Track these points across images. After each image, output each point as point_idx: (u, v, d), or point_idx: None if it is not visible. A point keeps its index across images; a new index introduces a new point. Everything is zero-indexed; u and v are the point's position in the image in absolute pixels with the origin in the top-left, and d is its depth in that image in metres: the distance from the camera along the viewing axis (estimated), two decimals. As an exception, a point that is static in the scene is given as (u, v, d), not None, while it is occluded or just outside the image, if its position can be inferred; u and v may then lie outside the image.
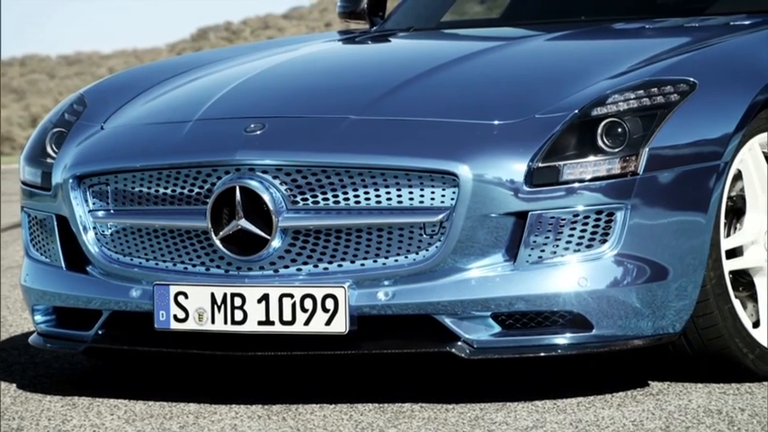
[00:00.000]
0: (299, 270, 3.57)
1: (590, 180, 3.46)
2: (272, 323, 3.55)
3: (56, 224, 3.86)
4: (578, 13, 4.56)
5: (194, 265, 3.65)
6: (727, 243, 3.64)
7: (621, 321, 3.47)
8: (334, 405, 3.59)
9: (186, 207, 3.67)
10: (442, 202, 3.49)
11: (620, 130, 3.50)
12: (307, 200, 3.57)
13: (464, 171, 3.47)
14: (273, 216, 3.56)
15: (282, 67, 4.11)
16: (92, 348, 3.80)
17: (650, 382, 3.68)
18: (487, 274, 3.47)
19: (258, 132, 3.65)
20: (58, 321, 3.88)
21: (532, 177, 3.47)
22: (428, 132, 3.56)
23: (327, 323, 3.51)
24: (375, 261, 3.53)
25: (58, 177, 3.86)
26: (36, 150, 3.99)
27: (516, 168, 3.47)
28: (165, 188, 3.69)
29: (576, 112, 3.53)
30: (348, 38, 4.60)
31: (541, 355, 3.47)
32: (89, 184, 3.81)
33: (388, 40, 4.54)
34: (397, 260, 3.51)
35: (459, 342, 3.48)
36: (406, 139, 3.55)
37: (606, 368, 3.88)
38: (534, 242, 3.46)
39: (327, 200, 3.56)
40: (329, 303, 3.51)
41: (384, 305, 3.51)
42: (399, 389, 3.74)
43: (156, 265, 3.70)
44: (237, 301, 3.57)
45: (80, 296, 3.78)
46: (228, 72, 4.12)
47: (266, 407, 3.61)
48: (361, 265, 3.54)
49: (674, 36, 4.06)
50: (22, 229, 3.99)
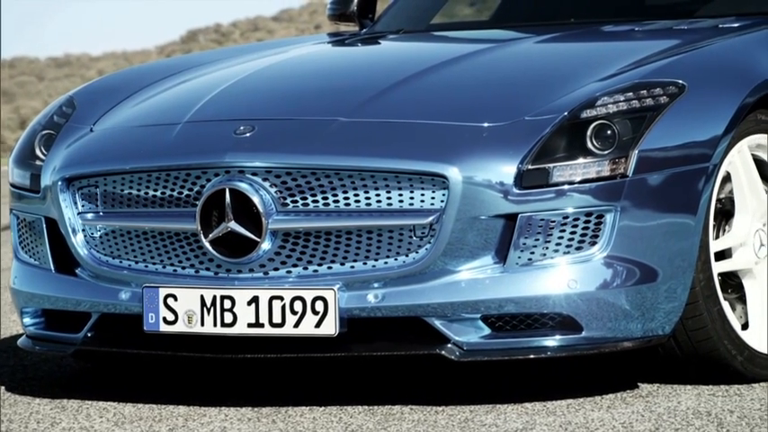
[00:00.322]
0: (288, 272, 3.57)
1: (579, 182, 3.47)
2: (261, 325, 3.54)
3: (45, 226, 3.85)
4: (568, 16, 4.57)
5: (184, 268, 3.65)
6: (716, 245, 3.64)
7: (611, 323, 3.47)
8: (323, 407, 3.59)
9: (176, 209, 3.66)
10: (432, 204, 3.49)
11: (609, 132, 3.51)
12: (296, 202, 3.57)
13: (454, 173, 3.48)
14: (263, 218, 3.55)
15: (272, 69, 4.10)
16: (81, 351, 3.79)
17: (640, 383, 3.68)
18: (477, 277, 3.47)
19: (248, 134, 3.64)
20: (46, 324, 3.87)
21: (522, 179, 3.47)
22: (418, 134, 3.56)
23: (317, 325, 3.51)
24: (365, 263, 3.53)
25: (47, 179, 3.85)
26: (25, 152, 3.99)
27: (506, 170, 3.48)
28: (155, 190, 3.69)
29: (566, 114, 3.54)
30: (338, 40, 4.60)
31: (531, 357, 3.47)
32: (78, 186, 3.80)
33: (378, 43, 4.54)
34: (386, 262, 3.51)
35: (449, 344, 3.48)
36: (396, 141, 3.55)
37: (596, 370, 3.89)
38: (524, 244, 3.46)
39: (317, 202, 3.56)
40: (319, 306, 3.51)
41: (374, 307, 3.51)
42: (389, 391, 3.74)
43: (146, 267, 3.69)
44: (227, 304, 3.56)
45: (69, 298, 3.78)
46: (218, 74, 4.12)
47: (256, 409, 3.61)
48: (351, 267, 3.54)
49: (663, 38, 4.07)
50: (11, 232, 3.98)
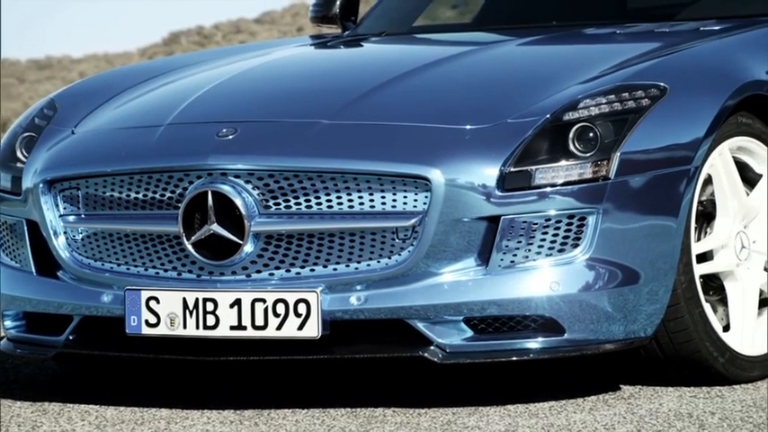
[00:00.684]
0: (271, 275, 3.57)
1: (562, 184, 3.48)
2: (244, 328, 3.54)
3: (26, 229, 3.84)
4: (550, 19, 4.58)
5: (166, 270, 3.64)
6: (697, 247, 3.65)
7: (593, 325, 3.48)
8: (306, 410, 3.59)
9: (158, 212, 3.65)
10: (415, 206, 3.49)
11: (591, 134, 3.51)
12: (279, 204, 3.57)
13: (436, 175, 3.48)
14: (246, 221, 3.55)
15: (255, 71, 4.10)
16: (62, 354, 3.78)
17: (622, 385, 3.69)
18: (460, 279, 3.47)
19: (230, 137, 3.64)
20: (28, 327, 3.86)
21: (504, 182, 3.48)
22: (400, 137, 3.56)
23: (300, 328, 3.51)
24: (347, 265, 3.52)
25: (28, 182, 3.84)
26: (6, 155, 3.97)
27: (488, 173, 3.48)
28: (137, 193, 3.68)
29: (548, 116, 3.54)
30: (320, 42, 4.60)
31: (513, 359, 3.48)
32: (60, 188, 3.79)
33: (361, 45, 4.54)
34: (369, 264, 3.51)
35: (432, 346, 3.48)
36: (379, 143, 3.55)
37: (578, 372, 3.90)
38: (506, 246, 3.47)
39: (300, 204, 3.56)
40: (301, 308, 3.51)
41: (356, 309, 3.50)
42: (372, 393, 3.74)
43: (128, 269, 3.69)
44: (209, 306, 3.56)
45: (51, 301, 3.76)
46: (200, 76, 4.11)
47: (238, 412, 3.60)
48: (334, 269, 3.53)
49: (644, 41, 4.09)
50: (-7, 234, 3.96)
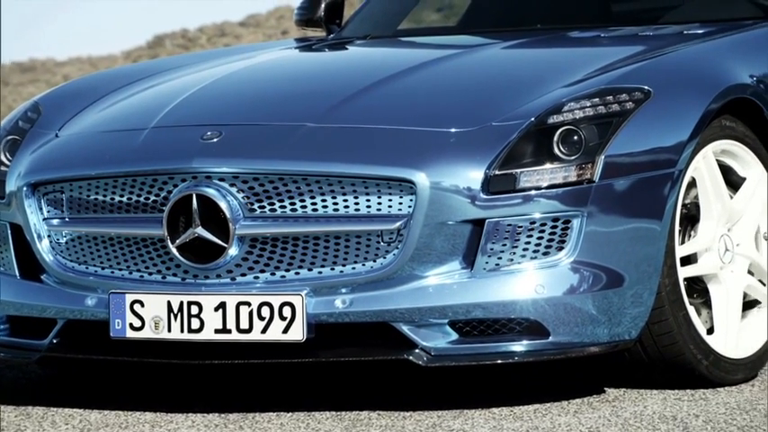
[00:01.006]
0: (256, 278, 3.56)
1: (546, 187, 3.48)
2: (228, 331, 3.53)
3: (10, 232, 3.83)
4: (534, 22, 4.59)
5: (150, 274, 3.64)
6: (681, 250, 3.66)
7: (578, 328, 3.49)
8: (291, 413, 3.58)
9: (142, 215, 3.65)
10: (400, 209, 3.50)
11: (575, 137, 3.52)
12: (264, 207, 3.57)
13: (421, 179, 3.48)
14: (230, 224, 3.55)
15: (239, 74, 4.10)
16: (46, 357, 3.77)
17: (606, 388, 3.70)
18: (445, 282, 3.47)
19: (215, 140, 3.64)
20: (11, 330, 3.85)
21: (489, 185, 3.48)
22: (385, 140, 3.56)
23: (285, 331, 3.51)
24: (332, 269, 3.52)
25: (11, 185, 3.83)
26: (-10, 158, 3.96)
27: (473, 176, 3.49)
28: (121, 196, 3.68)
29: (533, 119, 3.55)
30: (305, 45, 4.60)
31: (498, 362, 3.48)
32: (44, 191, 3.78)
33: (345, 48, 4.54)
34: (354, 268, 3.51)
35: (417, 349, 3.48)
36: (364, 146, 3.56)
37: (563, 375, 3.90)
38: (491, 249, 3.47)
39: (285, 207, 3.56)
40: (286, 311, 3.51)
41: (341, 313, 3.50)
42: (357, 396, 3.74)
43: (112, 273, 3.68)
44: (194, 310, 3.55)
45: (34, 305, 3.75)
46: (185, 79, 4.11)
47: (223, 415, 3.60)
48: (319, 272, 3.53)
49: (628, 45, 4.10)
50: (-24, 238, 3.95)
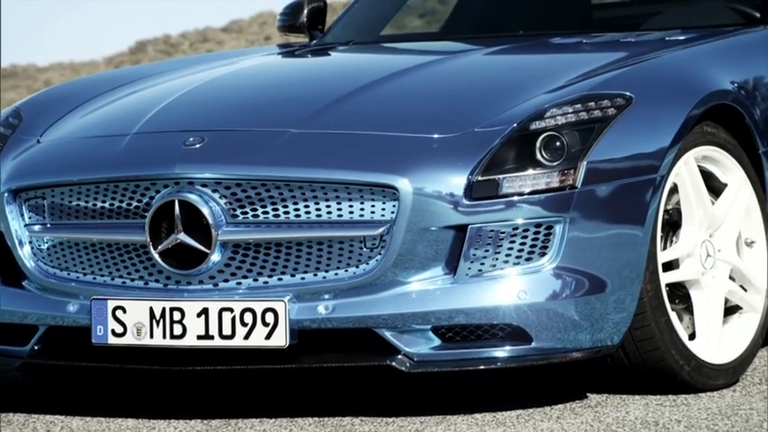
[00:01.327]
0: (238, 284, 3.56)
1: (529, 193, 3.49)
2: (211, 337, 3.53)
3: (-9, 238, 3.82)
4: (517, 28, 4.60)
5: (132, 280, 3.63)
6: (663, 256, 3.67)
7: (560, 334, 3.49)
8: (273, 419, 3.58)
9: (124, 221, 3.64)
10: (383, 215, 3.50)
11: (558, 143, 3.53)
12: (246, 213, 3.56)
13: (404, 185, 3.48)
14: (213, 230, 3.54)
15: (222, 80, 4.09)
16: (28, 364, 3.76)
17: (589, 394, 3.70)
18: (427, 288, 3.48)
19: (197, 146, 3.63)
20: (-7, 337, 3.83)
21: (472, 191, 3.49)
22: (368, 146, 3.56)
23: (267, 337, 3.50)
24: (315, 275, 3.52)
25: (-7, 191, 3.81)
26: (-29, 164, 3.94)
27: (456, 182, 3.49)
28: (103, 202, 3.67)
29: (515, 125, 3.55)
30: (288, 51, 4.60)
31: (481, 367, 3.48)
32: (25, 198, 3.77)
33: (328, 54, 4.54)
34: (337, 274, 3.51)
35: (400, 355, 3.48)
36: (347, 152, 3.56)
37: (545, 381, 3.91)
38: (474, 255, 3.47)
39: (267, 213, 3.55)
40: (269, 317, 3.50)
41: (324, 319, 3.50)
42: (340, 403, 3.74)
43: (94, 279, 3.67)
44: (177, 316, 3.54)
45: (16, 311, 3.74)
46: (167, 85, 4.10)
47: (205, 422, 3.59)
48: (302, 278, 3.53)
49: (610, 51, 4.11)
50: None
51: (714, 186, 3.81)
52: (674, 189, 3.71)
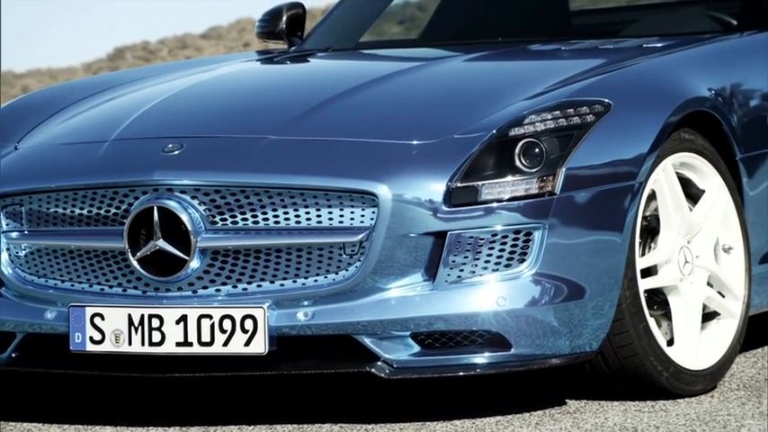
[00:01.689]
0: (217, 291, 3.55)
1: (508, 200, 3.49)
2: (190, 344, 3.52)
3: (-31, 245, 3.80)
4: (496, 35, 4.61)
5: (111, 287, 3.62)
6: (642, 262, 3.68)
7: (539, 340, 3.50)
8: (252, 426, 3.57)
9: (103, 228, 3.63)
10: (362, 222, 3.50)
11: (537, 150, 3.54)
12: (226, 220, 3.56)
13: (383, 191, 3.48)
14: (192, 236, 3.54)
15: (201, 86, 4.09)
16: (5, 371, 3.74)
17: (567, 400, 3.71)
18: (407, 294, 3.48)
19: (176, 152, 3.63)
20: (-30, 344, 3.81)
21: (451, 197, 3.49)
22: (347, 152, 3.56)
23: (246, 344, 3.49)
24: (294, 281, 3.52)
25: (-29, 198, 3.80)
26: (-52, 170, 3.93)
27: (435, 188, 3.49)
28: (81, 209, 3.66)
29: (494, 132, 3.56)
30: (267, 58, 4.60)
31: (460, 374, 3.48)
32: (2, 204, 3.75)
33: (307, 61, 4.54)
34: (316, 280, 3.51)
35: (379, 362, 3.48)
36: (326, 159, 3.56)
37: (524, 387, 3.91)
38: (453, 262, 3.48)
39: (246, 220, 3.55)
40: (248, 324, 3.50)
41: (304, 325, 3.50)
42: (319, 409, 3.73)
43: (72, 286, 3.66)
44: (155, 323, 3.54)
45: (-6, 318, 3.72)
46: (146, 92, 4.09)
47: (184, 429, 3.58)
48: (281, 285, 3.53)
49: (589, 58, 4.12)
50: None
51: (692, 193, 3.83)
52: (652, 196, 3.73)
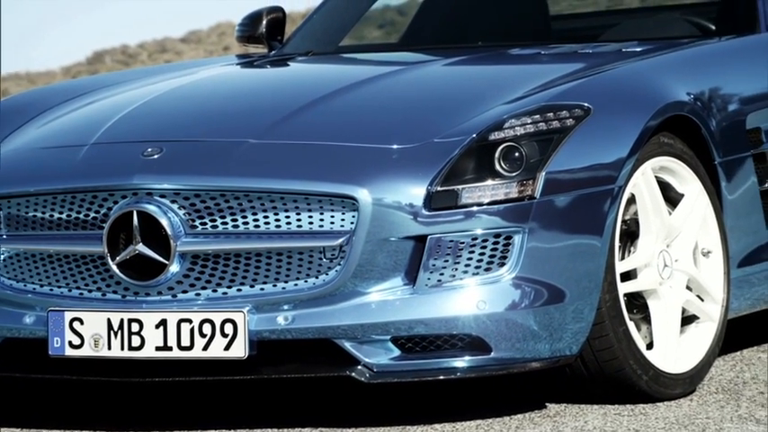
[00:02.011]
0: (197, 295, 3.55)
1: (488, 204, 3.50)
2: (170, 349, 3.51)
3: (-53, 249, 3.78)
4: (475, 39, 4.62)
5: (90, 291, 3.60)
6: (621, 266, 3.69)
7: (520, 344, 3.50)
8: (232, 430, 3.56)
9: (82, 232, 3.62)
10: (342, 225, 3.50)
11: (517, 154, 3.54)
12: (205, 224, 3.55)
13: (363, 195, 3.48)
14: (172, 240, 3.53)
15: (180, 90, 4.08)
16: (-16, 376, 3.73)
17: (547, 404, 3.72)
18: (387, 298, 3.48)
19: (156, 156, 3.62)
20: (-52, 349, 3.79)
21: (431, 201, 3.49)
22: (327, 156, 3.56)
23: (226, 348, 3.49)
24: (275, 285, 3.52)
25: (-51, 202, 3.78)
26: (-74, 174, 3.91)
27: (415, 192, 3.49)
28: (61, 213, 3.65)
29: (474, 136, 3.57)
30: (247, 62, 4.59)
31: (441, 378, 3.49)
32: (-18, 208, 3.74)
33: (287, 65, 4.54)
34: (296, 284, 3.50)
35: (359, 366, 3.48)
36: (306, 163, 3.56)
37: (504, 391, 3.91)
38: (433, 266, 3.48)
39: (226, 224, 3.54)
40: (228, 328, 3.49)
41: (284, 329, 3.50)
42: (299, 413, 3.73)
43: (51, 290, 3.64)
44: (135, 327, 3.53)
45: (-28, 323, 3.71)
46: (126, 95, 4.08)
47: (164, 434, 3.57)
48: (261, 289, 3.52)
49: (568, 62, 4.13)
50: None
51: (671, 197, 3.84)
52: (631, 199, 3.74)
